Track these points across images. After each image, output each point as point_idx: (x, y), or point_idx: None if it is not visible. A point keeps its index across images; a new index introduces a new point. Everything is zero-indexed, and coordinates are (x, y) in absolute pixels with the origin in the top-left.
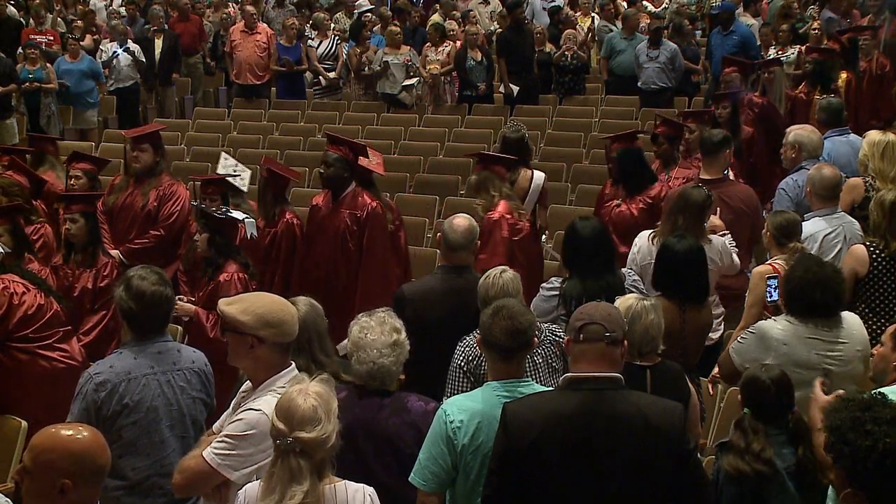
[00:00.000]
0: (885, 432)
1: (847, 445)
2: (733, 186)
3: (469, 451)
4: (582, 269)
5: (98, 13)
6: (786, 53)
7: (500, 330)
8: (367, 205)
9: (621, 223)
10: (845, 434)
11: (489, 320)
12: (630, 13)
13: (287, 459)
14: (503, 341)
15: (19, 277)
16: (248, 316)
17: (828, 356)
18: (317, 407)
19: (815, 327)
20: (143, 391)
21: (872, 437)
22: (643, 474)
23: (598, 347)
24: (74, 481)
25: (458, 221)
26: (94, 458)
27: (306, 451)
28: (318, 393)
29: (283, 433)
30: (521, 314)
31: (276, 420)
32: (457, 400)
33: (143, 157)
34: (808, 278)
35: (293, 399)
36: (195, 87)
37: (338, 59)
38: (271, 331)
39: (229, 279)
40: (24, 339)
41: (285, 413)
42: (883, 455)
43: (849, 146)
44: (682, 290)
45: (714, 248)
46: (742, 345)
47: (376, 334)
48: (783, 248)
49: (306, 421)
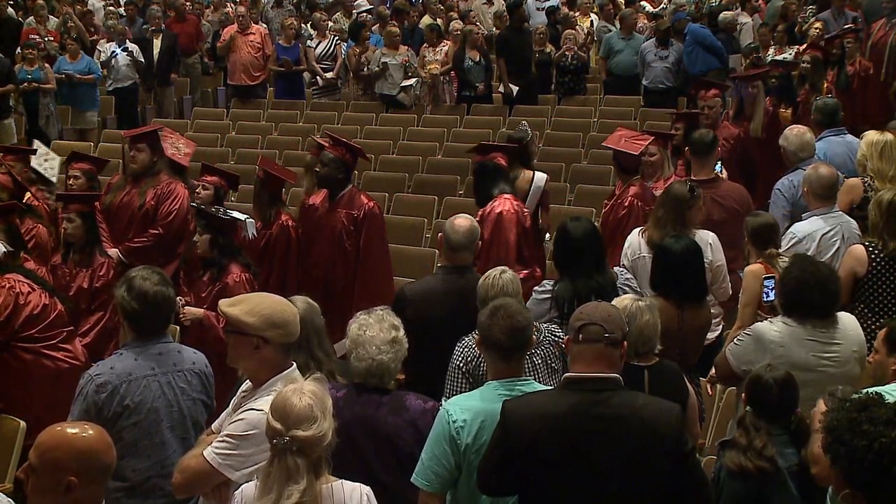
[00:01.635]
0: (880, 432)
1: (844, 445)
2: (726, 186)
3: (472, 451)
4: (572, 270)
5: (96, 13)
6: (782, 54)
7: (499, 329)
8: (364, 205)
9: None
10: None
11: (488, 320)
12: (627, 13)
13: (284, 459)
14: (502, 340)
15: (24, 277)
16: (255, 317)
17: (824, 357)
18: (312, 405)
19: (812, 328)
20: (143, 392)
21: (869, 437)
22: (641, 475)
23: (596, 348)
24: (80, 479)
25: (460, 222)
26: (99, 455)
27: (303, 450)
28: (313, 391)
29: (280, 432)
30: (519, 313)
31: (272, 420)
32: (459, 400)
33: (141, 157)
34: (805, 279)
35: (288, 398)
36: (193, 88)
37: (336, 60)
38: (277, 331)
39: (238, 280)
40: (30, 338)
41: (281, 412)
42: (879, 454)
43: (845, 146)
44: (679, 290)
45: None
46: (739, 347)
47: (375, 331)
48: (759, 253)
49: (302, 419)
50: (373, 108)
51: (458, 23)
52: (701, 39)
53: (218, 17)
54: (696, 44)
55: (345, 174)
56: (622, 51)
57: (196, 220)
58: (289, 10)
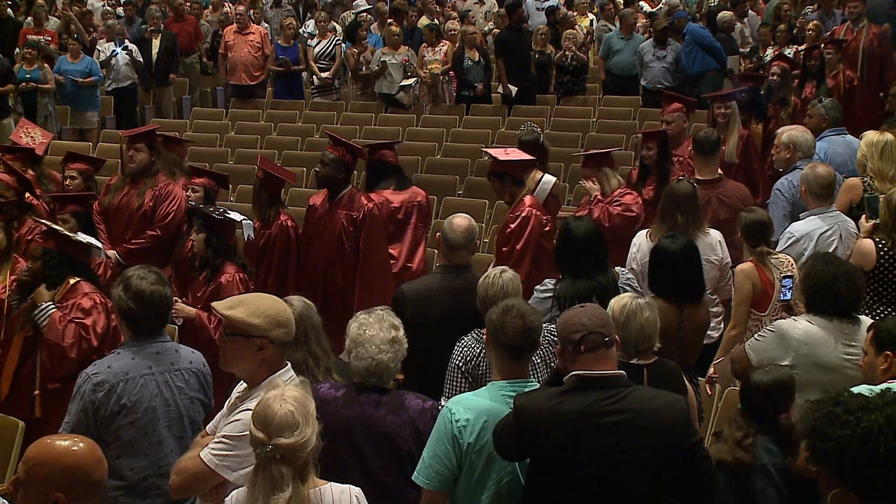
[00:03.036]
0: (858, 418)
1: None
2: (730, 185)
3: (474, 450)
4: (574, 270)
5: (95, 13)
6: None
7: (512, 329)
8: (363, 206)
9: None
10: (822, 430)
11: (500, 319)
12: (627, 13)
13: (268, 468)
14: (515, 341)
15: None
16: (259, 318)
17: (846, 358)
18: (293, 412)
19: (837, 328)
20: (140, 391)
21: (849, 426)
22: (650, 467)
23: (598, 353)
24: (67, 495)
25: (458, 221)
26: (88, 472)
27: (287, 457)
28: (295, 397)
29: (262, 441)
30: (531, 313)
31: (254, 429)
32: (462, 399)
33: (139, 157)
34: (832, 272)
35: (269, 405)
36: (192, 88)
37: (335, 59)
38: (281, 331)
39: (231, 280)
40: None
41: (262, 420)
42: (862, 440)
43: (846, 146)
44: (677, 290)
45: (712, 239)
46: (760, 343)
47: (375, 330)
48: (751, 250)
49: (284, 427)
50: (372, 107)
51: (453, 23)
52: (700, 40)
53: (217, 16)
54: (695, 44)
55: (345, 174)
56: (621, 51)
57: (192, 219)
58: (287, 11)
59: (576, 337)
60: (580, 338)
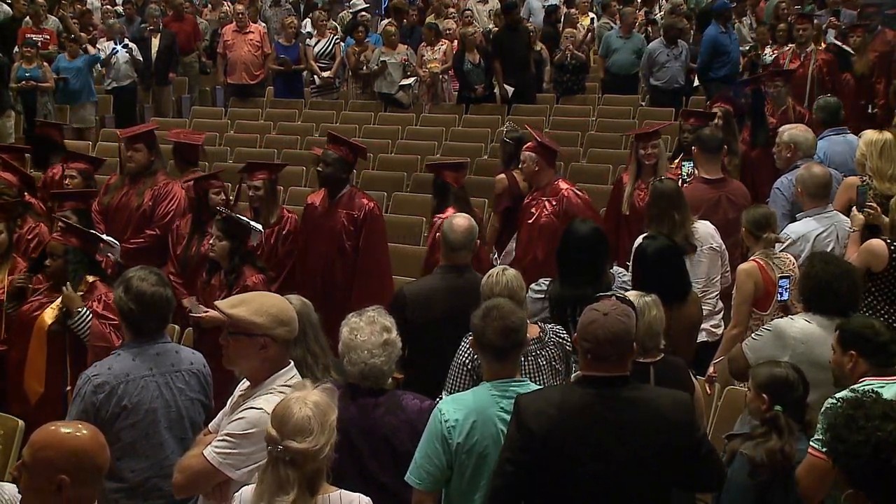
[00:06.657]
0: (876, 427)
1: (842, 443)
2: (735, 185)
3: (464, 450)
4: (569, 272)
5: (94, 13)
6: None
7: (492, 331)
8: (364, 205)
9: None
10: (840, 432)
11: (481, 322)
12: (628, 12)
13: (276, 468)
14: (496, 341)
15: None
16: (263, 317)
17: None
18: (311, 417)
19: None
20: (141, 393)
21: (865, 433)
22: (656, 463)
23: (609, 362)
24: (71, 478)
25: (458, 221)
26: (92, 456)
27: (296, 462)
28: (316, 403)
29: (275, 440)
30: (512, 313)
31: (270, 425)
32: (453, 398)
33: (138, 157)
34: (832, 271)
35: (289, 406)
36: (191, 87)
37: (335, 59)
38: (285, 329)
39: (256, 283)
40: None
41: (279, 419)
42: (876, 449)
43: (846, 145)
44: (660, 289)
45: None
46: (757, 342)
47: (366, 335)
48: (758, 240)
49: (298, 430)
50: (371, 107)
51: (450, 22)
52: (717, 45)
53: (216, 15)
54: (714, 49)
55: (347, 174)
56: (619, 49)
57: (217, 225)
58: (287, 10)
59: (586, 346)
60: (589, 348)
